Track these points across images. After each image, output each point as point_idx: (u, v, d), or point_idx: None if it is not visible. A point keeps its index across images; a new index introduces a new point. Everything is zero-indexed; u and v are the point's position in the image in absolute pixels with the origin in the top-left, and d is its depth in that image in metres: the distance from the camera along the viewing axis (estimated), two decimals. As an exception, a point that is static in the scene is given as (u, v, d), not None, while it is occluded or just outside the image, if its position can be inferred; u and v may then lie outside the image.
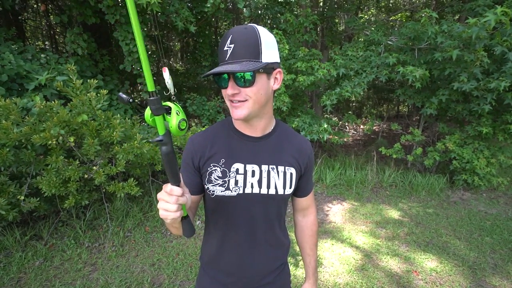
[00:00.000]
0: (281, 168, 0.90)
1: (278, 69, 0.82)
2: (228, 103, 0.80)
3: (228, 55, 0.74)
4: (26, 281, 2.30)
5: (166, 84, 0.63)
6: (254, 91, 0.76)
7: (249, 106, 0.78)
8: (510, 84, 3.30)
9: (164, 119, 0.62)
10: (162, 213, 0.65)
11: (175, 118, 0.62)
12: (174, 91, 0.65)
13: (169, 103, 0.63)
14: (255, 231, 0.92)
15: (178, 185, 0.66)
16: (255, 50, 0.74)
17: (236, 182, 0.87)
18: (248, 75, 0.74)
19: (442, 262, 2.69)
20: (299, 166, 0.94)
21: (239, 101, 0.77)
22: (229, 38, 0.74)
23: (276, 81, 0.83)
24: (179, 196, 0.64)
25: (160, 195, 0.66)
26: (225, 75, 0.76)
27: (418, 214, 3.64)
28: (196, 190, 0.90)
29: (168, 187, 0.65)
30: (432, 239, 3.08)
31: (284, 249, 1.03)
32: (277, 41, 0.86)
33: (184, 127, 0.63)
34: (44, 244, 2.70)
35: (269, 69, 0.78)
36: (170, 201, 0.64)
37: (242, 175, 0.87)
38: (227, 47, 0.74)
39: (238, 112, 0.78)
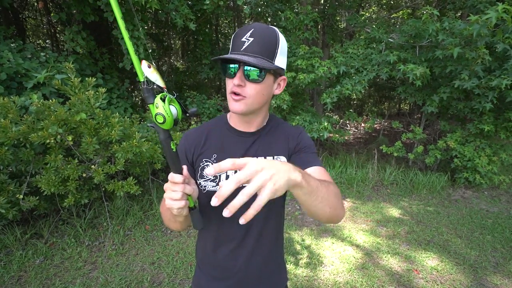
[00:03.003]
0: (269, 158, 0.89)
1: (284, 77, 0.85)
2: (229, 95, 0.80)
3: (244, 47, 0.73)
4: (27, 280, 2.30)
5: (149, 78, 0.64)
6: (258, 89, 0.78)
7: (247, 103, 0.79)
8: (512, 81, 3.27)
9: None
10: (167, 202, 0.67)
11: (154, 110, 0.64)
12: (163, 84, 0.66)
13: (158, 96, 0.65)
14: (248, 226, 0.91)
15: (180, 174, 0.68)
16: (272, 51, 0.75)
17: (227, 177, 0.87)
18: (259, 72, 0.75)
19: (443, 260, 2.68)
20: (288, 150, 0.92)
21: (240, 96, 0.78)
22: (250, 31, 0.74)
23: (278, 87, 0.86)
24: (179, 182, 0.66)
25: (165, 185, 0.69)
26: (236, 65, 0.76)
27: (419, 213, 3.63)
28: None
29: (170, 175, 0.67)
30: (433, 238, 3.06)
31: (279, 245, 1.02)
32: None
33: (160, 121, 0.64)
34: (45, 243, 2.71)
35: (277, 73, 0.81)
36: (173, 189, 0.67)
37: (233, 171, 0.87)
38: (246, 39, 0.74)
39: (236, 106, 0.79)
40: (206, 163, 0.88)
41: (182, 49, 7.24)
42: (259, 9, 5.15)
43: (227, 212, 0.52)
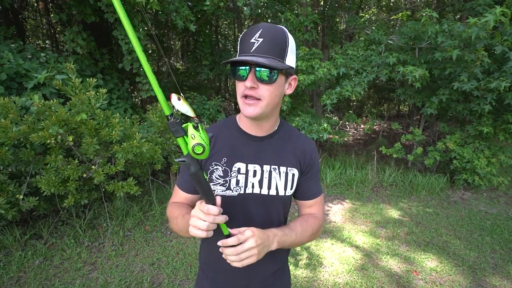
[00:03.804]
0: (283, 169, 0.89)
1: (294, 76, 0.83)
2: (240, 99, 0.78)
3: (254, 48, 0.71)
4: (26, 280, 2.30)
5: (179, 111, 0.62)
6: (270, 90, 0.76)
7: (262, 106, 0.77)
8: (511, 84, 3.29)
9: (185, 141, 0.63)
10: (191, 230, 0.67)
11: (190, 142, 0.62)
12: (193, 114, 0.64)
13: (189, 126, 0.63)
14: None
15: (214, 204, 0.68)
16: (282, 50, 0.74)
17: (237, 182, 0.86)
18: (271, 73, 0.73)
19: (442, 262, 2.68)
20: (300, 166, 0.93)
21: (254, 99, 0.76)
22: (259, 32, 0.72)
23: (290, 86, 0.84)
24: (215, 215, 0.66)
25: (193, 212, 0.68)
26: (247, 67, 0.74)
27: (418, 214, 3.64)
28: (195, 189, 0.89)
29: (204, 206, 0.66)
30: (432, 239, 3.07)
31: (285, 250, 1.02)
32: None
33: (200, 151, 0.62)
34: (44, 243, 2.70)
35: (288, 73, 0.79)
36: (204, 218, 0.66)
37: (244, 175, 0.86)
38: (255, 39, 0.72)
39: (250, 110, 0.77)
40: (215, 167, 0.86)
41: (182, 50, 7.25)
42: (259, 11, 5.16)
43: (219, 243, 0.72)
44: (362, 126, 7.89)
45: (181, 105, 0.60)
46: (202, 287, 1.00)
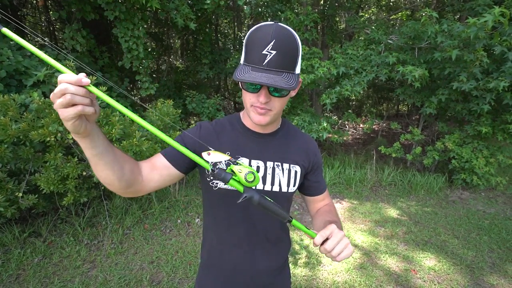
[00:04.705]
0: (286, 166, 0.90)
1: (300, 79, 0.83)
2: (250, 108, 0.79)
3: (266, 61, 0.69)
4: (25, 278, 2.30)
5: (215, 161, 0.70)
6: (281, 101, 0.79)
7: (272, 115, 0.80)
8: (510, 84, 3.30)
9: (236, 180, 0.70)
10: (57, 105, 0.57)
11: (241, 176, 0.68)
12: (228, 156, 0.73)
13: (232, 168, 0.69)
14: (256, 228, 0.91)
15: (290, 221, 0.73)
16: (294, 61, 0.73)
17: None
18: (286, 90, 0.75)
19: (440, 261, 2.70)
20: (304, 164, 0.94)
21: (265, 109, 0.78)
22: (271, 44, 0.69)
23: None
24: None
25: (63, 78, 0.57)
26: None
27: (416, 213, 3.65)
28: (181, 166, 0.83)
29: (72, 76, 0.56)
30: (430, 238, 3.09)
31: (285, 247, 1.03)
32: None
33: (252, 178, 0.68)
34: (43, 241, 2.70)
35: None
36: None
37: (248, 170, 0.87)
38: (268, 51, 0.69)
39: (261, 119, 0.79)
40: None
41: (182, 48, 7.23)
42: (259, 9, 5.15)
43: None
44: (361, 125, 7.89)
45: (214, 157, 0.68)
46: (204, 286, 1.00)
